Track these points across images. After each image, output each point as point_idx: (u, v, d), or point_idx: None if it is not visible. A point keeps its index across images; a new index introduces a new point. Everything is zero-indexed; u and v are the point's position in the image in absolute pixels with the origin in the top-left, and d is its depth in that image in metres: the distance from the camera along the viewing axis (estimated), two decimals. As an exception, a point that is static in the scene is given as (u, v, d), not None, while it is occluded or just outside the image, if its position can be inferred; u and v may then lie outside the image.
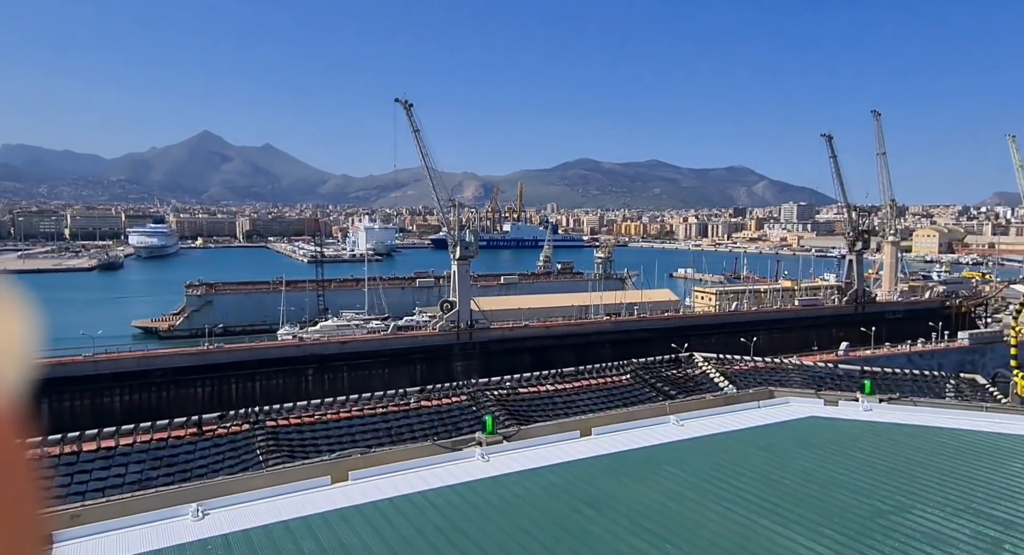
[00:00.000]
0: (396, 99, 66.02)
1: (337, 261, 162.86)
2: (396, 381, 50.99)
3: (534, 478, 6.60)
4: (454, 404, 9.34)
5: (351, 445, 7.50)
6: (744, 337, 68.70)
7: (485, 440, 7.28)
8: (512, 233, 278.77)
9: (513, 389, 10.64)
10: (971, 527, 5.47)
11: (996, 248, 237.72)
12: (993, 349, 69.91)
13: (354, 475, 6.46)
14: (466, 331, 63.24)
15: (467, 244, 64.66)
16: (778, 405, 9.50)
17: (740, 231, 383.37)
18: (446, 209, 66.95)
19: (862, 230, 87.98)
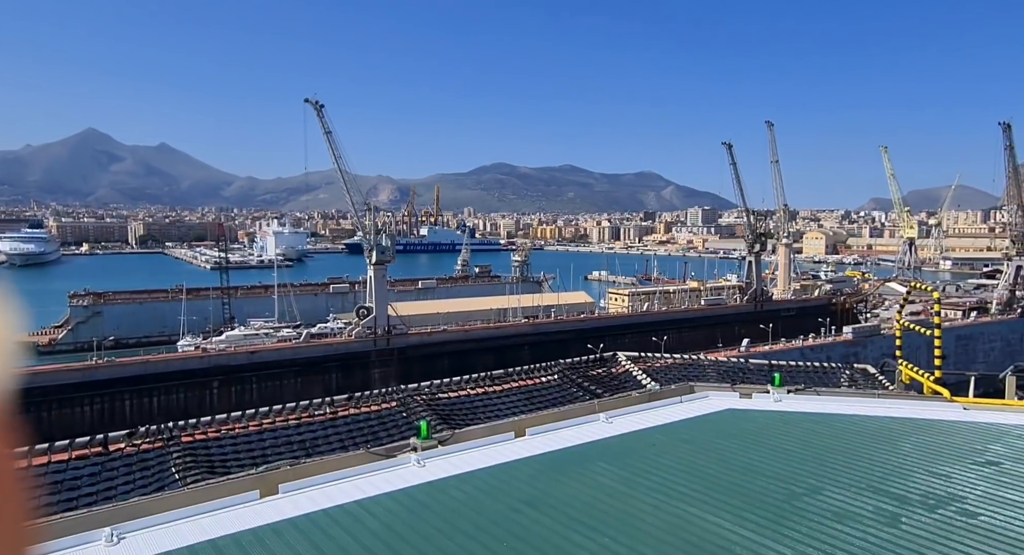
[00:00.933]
0: (306, 99, 63.82)
1: (244, 267, 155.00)
2: (310, 391, 49.13)
3: (471, 481, 6.57)
4: (384, 410, 9.13)
5: (277, 457, 7.16)
6: (655, 336, 71.59)
7: (420, 445, 7.17)
8: (429, 237, 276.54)
9: (443, 393, 10.54)
10: (873, 504, 5.97)
11: (873, 249, 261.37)
12: (872, 341, 76.95)
13: (284, 488, 6.17)
14: (383, 337, 61.99)
15: (383, 248, 63.46)
16: (698, 399, 9.98)
17: (650, 234, 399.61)
18: (361, 213, 65.39)
19: (760, 233, 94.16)
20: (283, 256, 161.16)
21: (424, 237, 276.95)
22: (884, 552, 4.97)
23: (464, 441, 7.61)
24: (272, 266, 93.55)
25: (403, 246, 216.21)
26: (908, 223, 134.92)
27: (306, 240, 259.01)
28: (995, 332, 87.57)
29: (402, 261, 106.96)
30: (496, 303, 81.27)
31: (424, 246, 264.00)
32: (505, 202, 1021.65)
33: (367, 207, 66.26)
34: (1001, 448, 7.53)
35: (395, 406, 9.27)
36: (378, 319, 61.96)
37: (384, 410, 9.12)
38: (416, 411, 9.12)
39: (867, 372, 12.60)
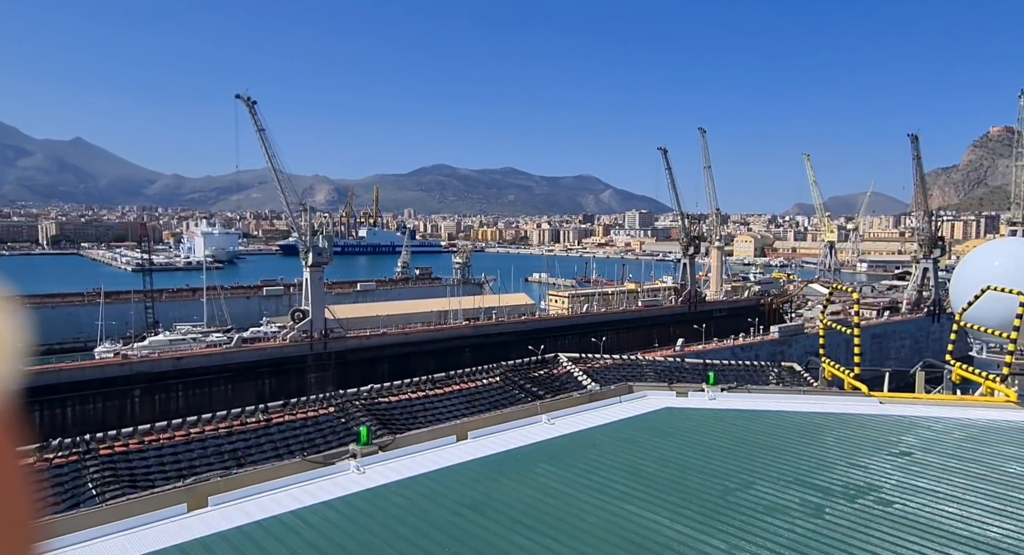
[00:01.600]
0: (237, 95, 61.44)
1: (169, 269, 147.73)
2: (242, 398, 47.30)
3: (413, 486, 6.47)
4: (321, 416, 8.86)
5: (206, 468, 6.82)
6: (595, 337, 72.91)
7: (359, 451, 7.00)
8: (368, 239, 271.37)
9: (383, 397, 10.34)
10: (800, 496, 6.25)
11: (797, 252, 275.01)
12: (797, 340, 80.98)
13: (214, 500, 5.88)
14: (320, 341, 60.38)
15: (320, 250, 61.83)
16: (637, 399, 10.20)
17: (589, 237, 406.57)
18: (296, 213, 63.49)
19: (694, 236, 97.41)
20: (212, 257, 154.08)
21: (363, 238, 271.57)
22: (809, 542, 5.21)
23: (405, 446, 7.49)
24: (200, 268, 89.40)
25: (341, 248, 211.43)
26: (829, 227, 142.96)
27: (238, 241, 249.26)
28: (905, 330, 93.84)
29: (340, 263, 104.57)
30: (437, 305, 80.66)
31: (363, 248, 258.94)
32: (446, 204, 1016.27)
33: (303, 207, 64.42)
34: (912, 439, 8.05)
35: (333, 411, 9.02)
36: (315, 322, 60.30)
37: (321, 416, 8.85)
38: (355, 416, 8.90)
39: (794, 370, 13.22)
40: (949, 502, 5.95)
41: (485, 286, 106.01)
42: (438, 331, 71.25)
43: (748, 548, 5.18)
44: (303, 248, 61.57)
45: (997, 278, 14.48)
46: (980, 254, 20.74)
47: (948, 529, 5.40)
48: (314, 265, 61.21)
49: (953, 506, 5.86)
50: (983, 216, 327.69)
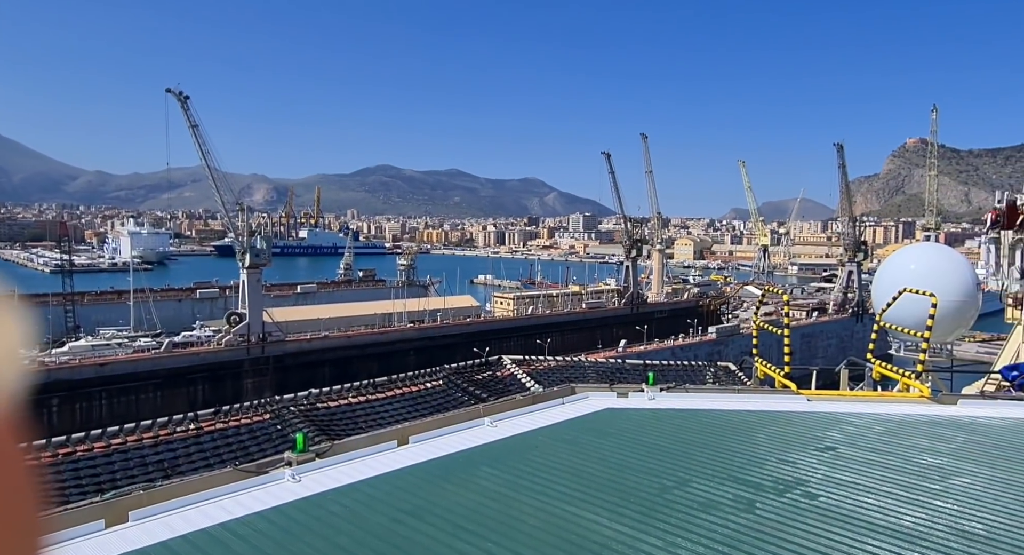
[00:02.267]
0: (168, 89, 58.76)
1: (92, 271, 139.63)
2: (172, 405, 45.12)
3: (351, 493, 6.32)
4: (255, 423, 8.54)
5: (129, 481, 6.45)
6: (540, 339, 73.51)
7: (295, 459, 6.78)
8: (309, 240, 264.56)
9: (322, 402, 10.07)
10: (733, 492, 6.46)
11: (734, 255, 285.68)
12: (733, 340, 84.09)
13: (135, 514, 5.56)
14: (257, 345, 58.40)
15: (258, 251, 59.84)
16: (579, 400, 10.32)
17: (534, 239, 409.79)
18: (233, 213, 61.24)
19: (636, 239, 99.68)
20: (141, 258, 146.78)
21: (303, 240, 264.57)
22: (742, 537, 5.38)
23: (344, 452, 7.31)
24: (127, 269, 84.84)
25: (280, 249, 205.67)
26: (762, 232, 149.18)
27: (168, 241, 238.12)
28: (832, 330, 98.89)
29: (279, 264, 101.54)
30: (381, 308, 79.42)
31: (304, 249, 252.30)
32: (390, 205, 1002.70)
33: (240, 207, 62.20)
34: (837, 434, 8.47)
35: (268, 418, 8.71)
36: (252, 326, 58.28)
37: (256, 423, 8.53)
38: (292, 423, 8.63)
39: (729, 369, 13.68)
40: (868, 493, 6.28)
41: (430, 288, 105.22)
42: (382, 334, 70.17)
43: (684, 545, 5.30)
44: (240, 249, 59.43)
45: (913, 280, 15.43)
46: (898, 258, 22.03)
47: (867, 519, 5.69)
48: (252, 266, 59.18)
49: (872, 497, 6.18)
50: (901, 222, 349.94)
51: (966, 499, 6.12)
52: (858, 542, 5.26)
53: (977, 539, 5.23)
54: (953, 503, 6.01)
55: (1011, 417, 9.15)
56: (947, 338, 25.16)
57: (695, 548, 5.24)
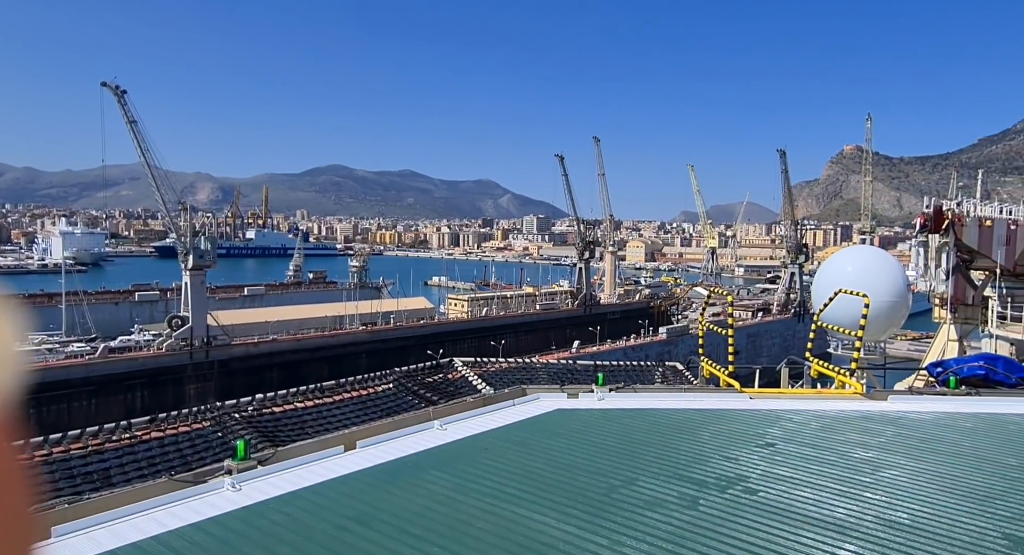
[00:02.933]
0: (103, 83, 56.05)
1: (19, 272, 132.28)
2: (107, 413, 43.03)
3: (294, 501, 6.15)
4: (194, 431, 8.22)
5: (55, 495, 6.10)
6: (494, 340, 73.52)
7: (236, 467, 6.56)
8: (257, 240, 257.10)
9: (266, 408, 9.78)
10: (678, 490, 6.60)
11: (684, 257, 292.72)
12: (683, 340, 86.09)
13: (59, 530, 5.26)
14: (201, 349, 56.36)
15: (202, 252, 57.76)
16: (530, 401, 10.35)
17: (488, 241, 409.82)
18: (175, 213, 58.91)
19: (589, 241, 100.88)
20: (74, 259, 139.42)
21: (251, 240, 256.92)
22: (685, 533, 5.50)
23: (288, 459, 7.12)
24: (59, 271, 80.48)
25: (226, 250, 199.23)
26: (711, 234, 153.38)
27: (104, 242, 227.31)
28: (775, 330, 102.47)
29: (225, 266, 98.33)
30: (332, 310, 77.89)
31: (251, 250, 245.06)
32: (342, 206, 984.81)
33: (182, 206, 59.88)
34: (777, 431, 8.76)
35: (209, 426, 8.40)
36: (195, 329, 56.19)
37: (195, 431, 8.22)
38: (234, 430, 8.34)
39: (676, 369, 13.98)
40: (804, 487, 6.51)
41: (383, 290, 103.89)
42: (333, 337, 68.79)
43: (629, 543, 5.38)
44: (182, 250, 57.22)
45: (849, 282, 16.12)
46: (835, 260, 22.97)
47: (803, 512, 5.91)
48: (195, 268, 57.06)
49: (808, 491, 6.42)
50: (839, 225, 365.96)
51: (893, 490, 6.42)
52: (794, 535, 5.45)
53: (902, 528, 5.50)
54: (881, 494, 6.30)
55: (936, 411, 9.67)
56: (881, 337, 26.35)
57: (639, 546, 5.32)
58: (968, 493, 6.34)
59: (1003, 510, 5.91)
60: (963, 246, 31.75)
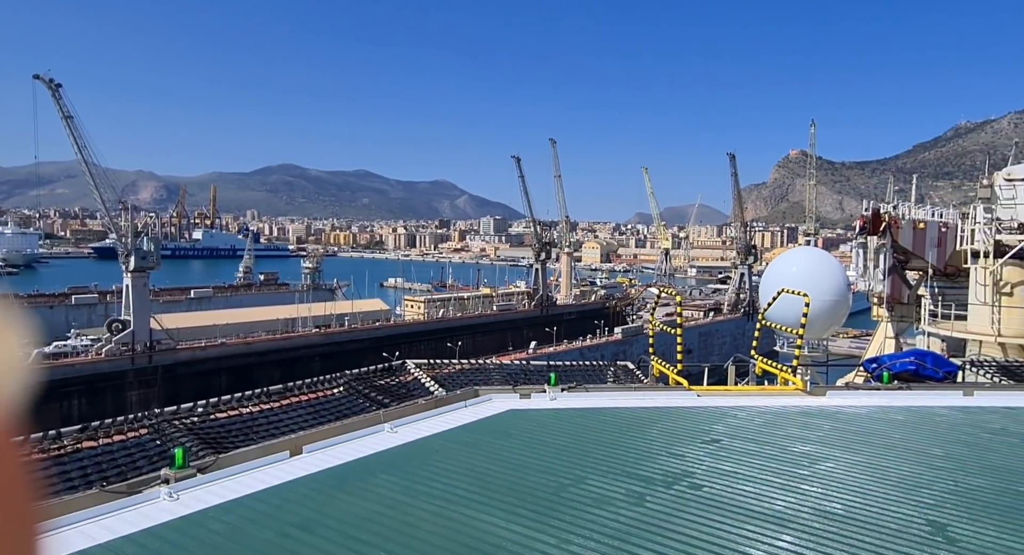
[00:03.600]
0: (36, 76, 53.33)
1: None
2: (42, 422, 40.75)
3: (236, 509, 5.97)
4: (131, 440, 7.87)
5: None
6: (451, 342, 73.13)
7: (174, 476, 6.31)
8: (204, 241, 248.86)
9: (209, 414, 9.46)
10: (625, 487, 6.69)
11: (638, 258, 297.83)
12: (637, 339, 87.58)
13: (-20, 550, 4.96)
14: (144, 354, 54.19)
15: (145, 253, 55.53)
16: (482, 402, 10.33)
17: (445, 242, 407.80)
18: (115, 212, 56.50)
19: (545, 242, 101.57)
20: (4, 261, 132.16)
21: (198, 241, 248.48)
22: (631, 530, 5.58)
23: (230, 466, 6.90)
24: (-10, 273, 76.07)
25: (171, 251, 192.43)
26: (664, 236, 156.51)
27: (38, 242, 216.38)
28: (726, 329, 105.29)
29: (170, 268, 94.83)
30: (284, 312, 76.07)
31: (198, 251, 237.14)
32: (294, 206, 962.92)
33: (123, 206, 57.46)
34: (722, 427, 8.99)
35: (147, 433, 8.06)
36: (137, 333, 53.98)
37: (132, 440, 7.87)
38: (174, 437, 8.03)
39: (627, 368, 14.20)
40: (747, 482, 6.70)
41: (337, 292, 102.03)
42: (284, 340, 67.19)
43: (576, 541, 5.42)
44: (123, 251, 54.87)
45: (793, 282, 16.68)
46: (781, 261, 23.73)
47: (745, 505, 6.07)
48: (137, 270, 54.80)
49: (750, 485, 6.61)
50: (786, 227, 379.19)
51: (829, 482, 6.68)
52: (736, 528, 5.60)
53: (836, 518, 5.72)
54: (818, 486, 6.54)
55: (870, 405, 10.12)
56: (823, 335, 27.37)
57: (587, 543, 5.37)
58: (897, 482, 6.64)
59: (927, 498, 6.22)
60: (899, 247, 33.32)
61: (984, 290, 28.28)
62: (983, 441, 8.32)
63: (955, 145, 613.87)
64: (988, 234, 27.91)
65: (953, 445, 8.08)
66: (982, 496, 6.30)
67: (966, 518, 5.75)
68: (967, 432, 8.71)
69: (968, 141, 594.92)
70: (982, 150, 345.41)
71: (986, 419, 9.36)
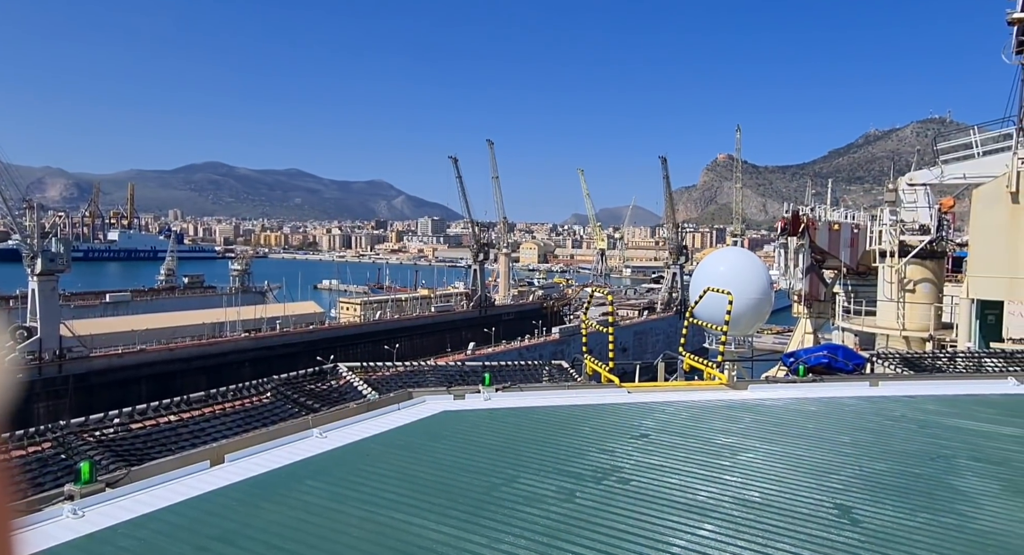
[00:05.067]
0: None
1: None
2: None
3: (149, 524, 5.65)
4: (32, 455, 7.32)
5: None
6: (388, 344, 71.96)
7: (79, 492, 5.91)
8: (121, 242, 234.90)
9: (124, 425, 8.91)
10: (556, 484, 6.77)
11: (575, 258, 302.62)
12: (575, 339, 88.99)
13: None
14: (53, 363, 50.62)
15: (53, 255, 51.89)
16: (416, 405, 10.21)
17: (382, 243, 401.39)
18: (18, 211, 52.52)
19: (483, 243, 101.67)
20: None
21: (114, 242, 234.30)
22: (561, 526, 5.65)
23: (143, 478, 6.53)
24: None
25: (84, 253, 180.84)
26: (600, 236, 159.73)
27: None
28: (659, 327, 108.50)
29: (83, 271, 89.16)
30: (211, 316, 72.84)
31: (114, 253, 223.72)
32: (222, 205, 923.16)
33: (27, 204, 53.50)
34: (650, 422, 9.25)
35: (50, 447, 7.51)
36: (45, 341, 50.35)
37: (33, 455, 7.32)
38: (82, 451, 7.52)
39: (562, 367, 14.37)
40: (672, 474, 6.92)
41: (268, 294, 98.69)
42: (211, 345, 64.33)
43: (507, 539, 5.44)
44: (28, 253, 51.06)
45: (720, 281, 17.36)
46: (709, 261, 24.65)
47: (670, 497, 6.27)
48: (44, 273, 51.10)
49: (675, 477, 6.82)
50: (715, 228, 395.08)
51: (748, 471, 6.99)
52: (661, 519, 5.76)
53: (754, 506, 5.99)
54: (738, 476, 6.83)
55: (787, 397, 10.67)
56: (749, 331, 28.63)
57: (517, 541, 5.40)
58: (809, 469, 7.03)
59: (835, 483, 6.61)
60: (816, 248, 35.30)
61: (890, 287, 30.36)
62: (885, 428, 8.93)
63: (865, 151, 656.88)
64: (893, 235, 29.98)
65: (859, 432, 8.63)
66: (882, 479, 6.75)
67: (868, 500, 6.14)
68: (871, 420, 9.31)
69: (877, 148, 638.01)
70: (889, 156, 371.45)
71: (889, 407, 10.05)
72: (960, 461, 7.57)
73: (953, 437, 8.59)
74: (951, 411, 9.94)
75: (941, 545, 5.30)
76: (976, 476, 7.04)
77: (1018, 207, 20.08)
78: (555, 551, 5.19)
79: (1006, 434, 8.79)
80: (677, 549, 5.17)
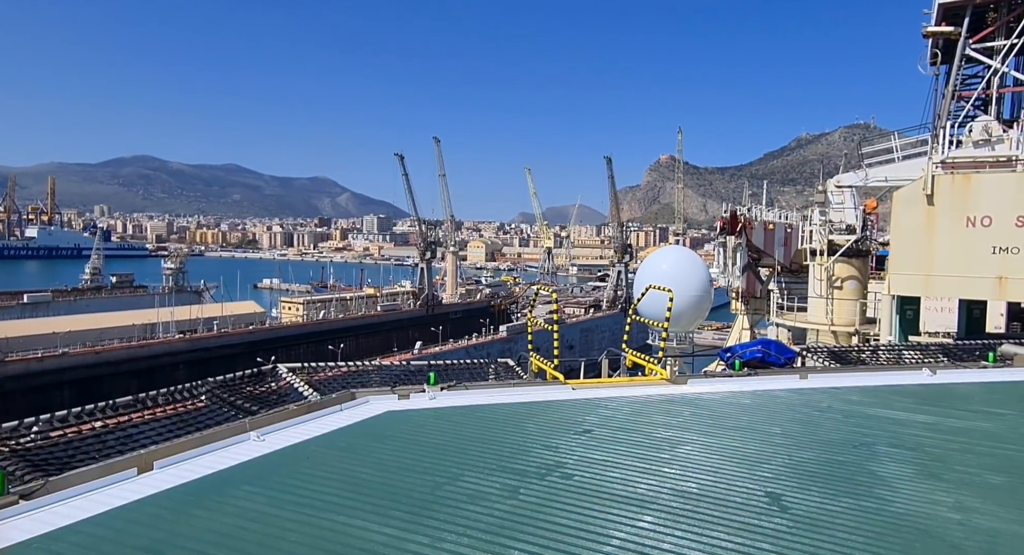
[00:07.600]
0: None
1: None
2: None
3: (67, 537, 5.33)
4: (-64, 469, 6.78)
5: None
6: (332, 344, 70.51)
7: (-11, 507, 5.52)
8: (41, 239, 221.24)
9: (42, 433, 8.38)
10: (500, 481, 6.78)
11: (522, 257, 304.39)
12: (522, 337, 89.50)
13: None
14: (-33, 368, 47.16)
15: (-33, 252, 48.36)
16: (359, 405, 10.02)
17: (326, 241, 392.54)
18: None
19: (430, 241, 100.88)
20: None
21: (32, 240, 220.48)
22: (504, 522, 5.66)
23: (63, 489, 6.16)
24: None
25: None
26: (547, 235, 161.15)
27: None
28: (605, 325, 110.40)
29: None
30: (142, 317, 69.51)
31: (33, 251, 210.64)
32: (153, 201, 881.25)
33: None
34: (594, 417, 9.39)
35: (-42, 460, 6.98)
36: (-43, 345, 46.86)
37: (-62, 468, 6.78)
38: (-6, 462, 7.03)
39: (508, 365, 14.41)
40: (614, 468, 7.05)
41: (205, 294, 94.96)
42: (142, 347, 61.39)
43: (450, 538, 5.41)
44: (-63, 250, 47.40)
45: (663, 279, 17.75)
46: (652, 259, 25.20)
47: (612, 491, 6.38)
48: (-45, 272, 47.55)
49: (617, 471, 6.95)
50: (658, 227, 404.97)
51: (686, 463, 7.20)
52: (603, 512, 5.86)
53: (691, 497, 6.17)
54: (677, 468, 7.03)
55: (723, 391, 11.05)
56: (690, 327, 29.48)
57: (460, 540, 5.38)
58: (742, 460, 7.30)
59: (766, 472, 6.89)
60: (753, 246, 36.69)
61: (820, 284, 31.89)
62: (813, 418, 9.38)
63: (798, 154, 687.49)
64: (822, 234, 31.49)
65: (789, 423, 9.03)
66: (809, 467, 7.09)
67: (796, 487, 6.44)
68: (800, 411, 9.76)
69: (808, 151, 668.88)
70: (819, 159, 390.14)
71: (816, 399, 10.56)
72: (879, 448, 8.03)
73: (874, 426, 9.10)
74: (872, 401, 10.53)
75: (861, 527, 5.61)
76: (893, 461, 7.48)
77: (933, 209, 21.45)
78: (497, 548, 5.20)
79: (920, 421, 9.38)
80: (617, 542, 5.27)
